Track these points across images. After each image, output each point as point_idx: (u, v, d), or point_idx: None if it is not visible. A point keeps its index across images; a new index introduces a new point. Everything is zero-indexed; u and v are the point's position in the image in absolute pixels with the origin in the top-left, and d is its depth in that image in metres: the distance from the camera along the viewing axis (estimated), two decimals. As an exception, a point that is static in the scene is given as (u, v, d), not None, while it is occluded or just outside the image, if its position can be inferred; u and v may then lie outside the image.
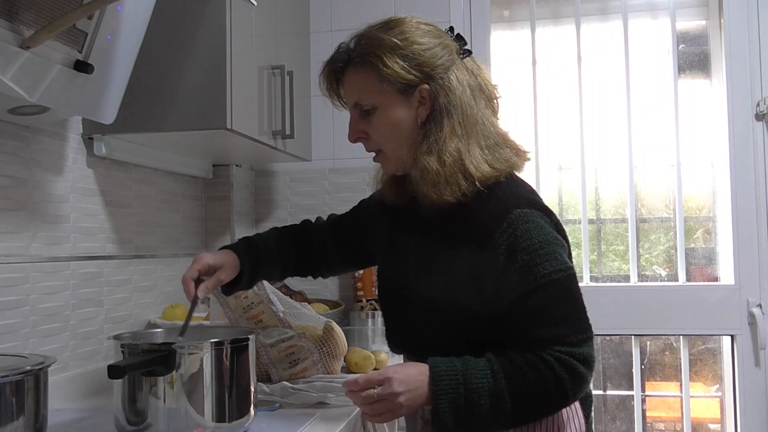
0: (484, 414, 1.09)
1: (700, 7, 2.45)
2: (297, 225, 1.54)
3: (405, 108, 1.20)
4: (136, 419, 1.18)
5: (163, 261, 2.01)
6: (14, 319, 1.42)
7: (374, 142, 1.25)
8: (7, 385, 1.00)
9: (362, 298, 2.31)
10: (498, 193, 1.18)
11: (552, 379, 1.09)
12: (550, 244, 1.14)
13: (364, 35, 1.23)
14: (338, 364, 1.71)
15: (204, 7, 1.62)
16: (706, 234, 2.43)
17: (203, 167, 2.24)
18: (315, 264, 1.51)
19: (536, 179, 2.41)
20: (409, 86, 1.19)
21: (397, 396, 1.09)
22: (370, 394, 1.11)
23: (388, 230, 1.36)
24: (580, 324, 1.14)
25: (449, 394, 1.09)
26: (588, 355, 1.11)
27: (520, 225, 1.14)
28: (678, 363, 2.39)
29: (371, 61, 1.19)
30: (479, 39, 2.44)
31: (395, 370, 1.12)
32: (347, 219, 1.52)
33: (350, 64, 1.23)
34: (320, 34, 2.48)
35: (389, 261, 1.35)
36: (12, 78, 1.11)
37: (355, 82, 1.23)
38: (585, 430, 1.25)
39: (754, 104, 2.27)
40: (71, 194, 1.61)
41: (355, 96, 1.24)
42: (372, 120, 1.23)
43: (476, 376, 1.09)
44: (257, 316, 1.64)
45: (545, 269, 1.12)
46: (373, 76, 1.19)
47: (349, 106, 1.27)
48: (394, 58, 1.18)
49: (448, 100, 1.19)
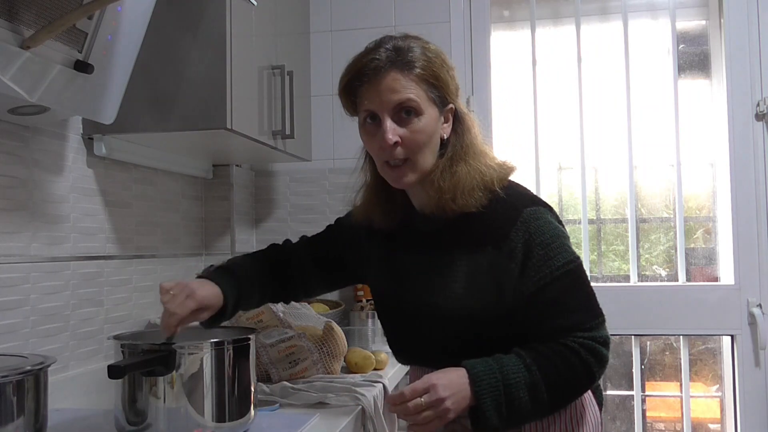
0: (524, 407, 1.13)
1: (700, 7, 2.45)
2: (269, 250, 1.51)
3: (439, 121, 1.25)
4: (136, 419, 1.18)
5: (163, 261, 2.01)
6: (14, 319, 1.42)
7: (407, 148, 1.22)
8: (7, 385, 1.00)
9: (362, 298, 2.31)
10: (501, 197, 1.23)
11: (579, 365, 1.15)
12: (560, 237, 1.21)
13: (405, 44, 1.22)
14: (338, 364, 1.71)
15: (204, 7, 1.62)
16: (706, 234, 2.43)
17: (203, 167, 2.24)
18: (291, 288, 1.50)
19: (536, 179, 2.41)
20: (445, 102, 1.25)
21: (443, 401, 1.12)
22: (418, 403, 1.12)
23: (380, 250, 1.37)
24: (594, 309, 1.21)
25: (491, 392, 1.13)
26: (606, 336, 1.19)
27: (532, 222, 1.20)
28: (678, 363, 2.39)
29: (431, 69, 1.22)
30: (479, 39, 2.44)
31: (438, 377, 1.14)
32: (326, 238, 1.52)
33: (404, 66, 1.20)
34: (320, 34, 2.48)
35: (389, 281, 1.35)
36: (12, 78, 1.11)
37: (405, 85, 1.20)
38: (600, 417, 1.31)
39: (754, 104, 2.27)
40: (71, 194, 1.61)
41: (404, 95, 1.20)
42: (412, 124, 1.21)
43: (512, 371, 1.14)
44: (257, 316, 1.64)
45: (559, 261, 1.19)
46: (427, 83, 1.22)
47: (388, 107, 1.21)
48: (446, 72, 1.24)
49: (462, 122, 1.28)
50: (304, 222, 2.48)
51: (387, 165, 1.24)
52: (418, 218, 1.31)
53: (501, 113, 2.48)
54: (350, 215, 1.45)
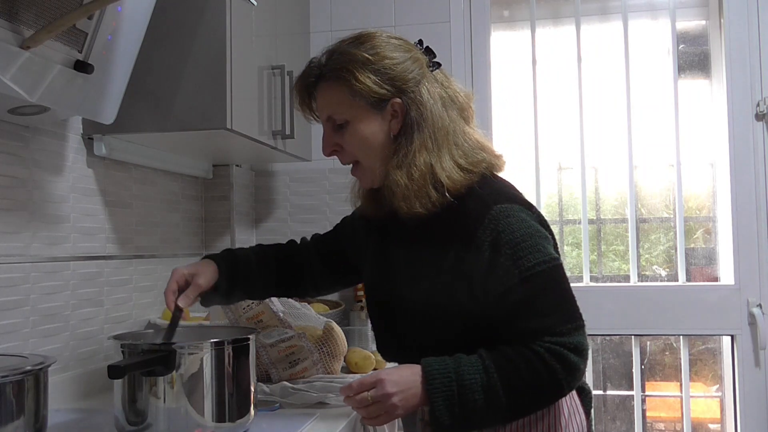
0: (479, 409, 1.10)
1: (700, 7, 2.45)
2: (281, 243, 1.54)
3: (377, 122, 1.22)
4: (136, 419, 1.18)
5: (163, 261, 2.01)
6: (14, 319, 1.42)
7: (348, 154, 1.26)
8: (7, 385, 1.00)
9: (362, 298, 2.31)
10: (477, 192, 1.20)
11: (544, 370, 1.10)
12: (533, 236, 1.16)
13: (335, 50, 1.24)
14: (338, 364, 1.71)
15: (204, 7, 1.62)
16: (706, 234, 2.43)
17: (203, 167, 2.24)
18: (300, 281, 1.50)
19: (536, 179, 2.41)
20: (381, 100, 1.21)
21: (390, 397, 1.11)
22: (363, 397, 1.12)
23: (374, 243, 1.37)
24: (568, 313, 1.15)
25: (443, 391, 1.10)
26: (579, 343, 1.12)
27: (502, 220, 1.16)
28: (678, 363, 2.39)
29: (343, 76, 1.20)
30: (479, 39, 2.44)
31: (388, 372, 1.14)
32: (332, 235, 1.53)
33: (322, 79, 1.24)
34: (320, 34, 2.48)
35: (377, 273, 1.35)
36: (12, 78, 1.11)
37: (328, 97, 1.24)
38: (586, 426, 1.27)
39: (754, 104, 2.27)
40: (71, 194, 1.61)
41: (327, 110, 1.25)
42: (345, 134, 1.24)
43: (468, 372, 1.10)
44: (257, 316, 1.64)
45: (529, 261, 1.13)
46: (345, 91, 1.20)
47: (322, 120, 1.27)
48: (366, 73, 1.19)
49: (419, 113, 1.21)
50: (304, 222, 2.48)
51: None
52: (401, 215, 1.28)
53: (501, 113, 2.48)
54: (354, 211, 1.46)
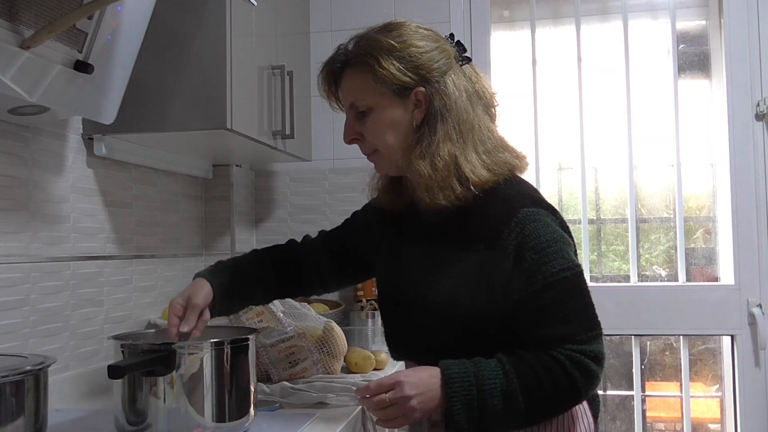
0: (497, 414, 1.09)
1: (700, 7, 2.45)
2: (278, 244, 1.51)
3: (400, 110, 1.21)
4: (136, 419, 1.18)
5: (163, 261, 2.01)
6: (14, 319, 1.42)
7: (369, 144, 1.25)
8: (7, 385, 1.00)
9: (362, 298, 2.31)
10: (502, 193, 1.18)
11: (564, 378, 1.09)
12: (557, 242, 1.14)
13: (362, 37, 1.24)
14: (338, 364, 1.71)
15: (204, 7, 1.62)
16: (706, 234, 2.43)
17: (203, 167, 2.24)
18: (305, 280, 1.47)
19: (536, 179, 2.41)
20: (405, 88, 1.19)
21: (408, 399, 1.09)
22: (382, 399, 1.10)
23: (388, 238, 1.35)
24: (589, 321, 1.14)
25: (462, 395, 1.09)
26: (598, 352, 1.12)
27: (528, 224, 1.14)
28: (678, 363, 2.39)
29: (368, 62, 1.19)
30: (479, 39, 2.44)
31: (406, 374, 1.12)
32: (342, 231, 1.50)
33: (348, 66, 1.24)
34: (320, 34, 2.48)
35: (391, 268, 1.33)
36: (12, 78, 1.11)
37: (352, 83, 1.24)
38: (594, 430, 1.26)
39: (754, 104, 2.27)
40: (71, 194, 1.61)
41: (351, 97, 1.24)
42: (367, 121, 1.23)
43: (488, 377, 1.09)
44: (257, 316, 1.64)
45: (553, 267, 1.12)
46: (368, 77, 1.20)
47: (345, 107, 1.27)
48: (390, 60, 1.18)
49: (443, 104, 1.19)
50: (304, 222, 2.48)
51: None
52: (419, 207, 1.26)
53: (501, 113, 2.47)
54: (366, 206, 1.45)
